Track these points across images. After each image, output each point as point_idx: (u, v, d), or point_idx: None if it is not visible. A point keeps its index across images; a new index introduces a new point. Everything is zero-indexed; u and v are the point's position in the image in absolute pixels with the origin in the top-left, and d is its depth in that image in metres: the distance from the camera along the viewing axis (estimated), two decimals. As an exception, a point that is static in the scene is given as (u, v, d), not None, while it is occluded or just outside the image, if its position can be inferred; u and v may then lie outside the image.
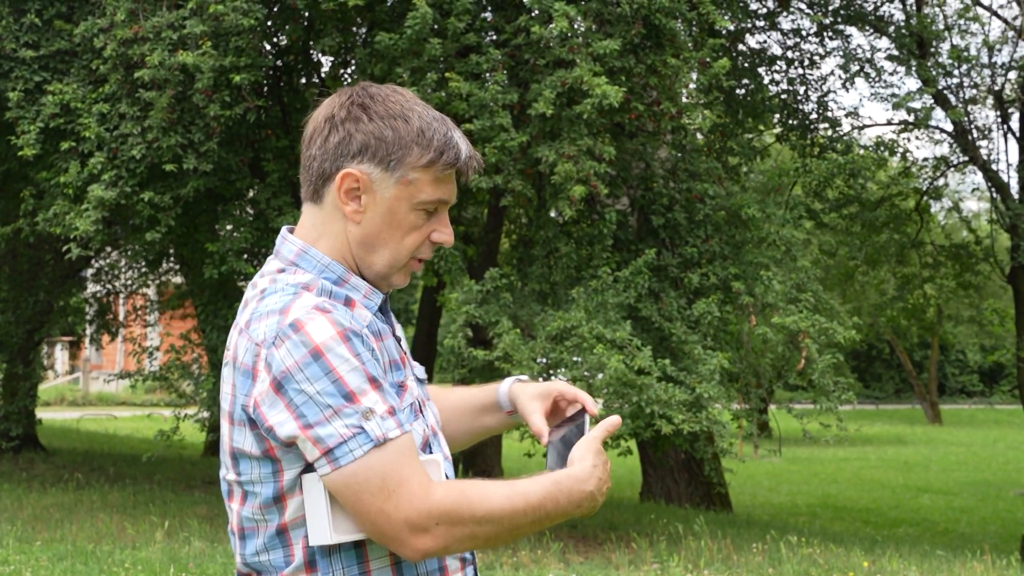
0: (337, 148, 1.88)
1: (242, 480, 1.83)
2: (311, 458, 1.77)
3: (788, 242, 10.45)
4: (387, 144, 1.87)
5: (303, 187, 1.94)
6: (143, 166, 9.39)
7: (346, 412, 1.74)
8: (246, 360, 1.79)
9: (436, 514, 1.78)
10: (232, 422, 1.83)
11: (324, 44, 9.94)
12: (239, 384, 1.81)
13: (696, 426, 9.05)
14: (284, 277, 1.87)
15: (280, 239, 1.96)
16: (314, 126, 1.92)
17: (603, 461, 1.94)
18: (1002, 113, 14.16)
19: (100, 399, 32.21)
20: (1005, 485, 21.18)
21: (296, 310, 1.78)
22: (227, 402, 1.84)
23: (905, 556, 9.70)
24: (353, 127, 1.88)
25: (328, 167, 1.89)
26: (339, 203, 1.89)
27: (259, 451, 1.80)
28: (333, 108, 1.91)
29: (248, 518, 1.84)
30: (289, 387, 1.74)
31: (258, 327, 1.79)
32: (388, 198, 1.89)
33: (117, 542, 9.04)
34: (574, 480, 1.90)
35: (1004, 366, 43.37)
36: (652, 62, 9.43)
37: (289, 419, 1.75)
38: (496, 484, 1.87)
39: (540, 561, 8.77)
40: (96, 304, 17.62)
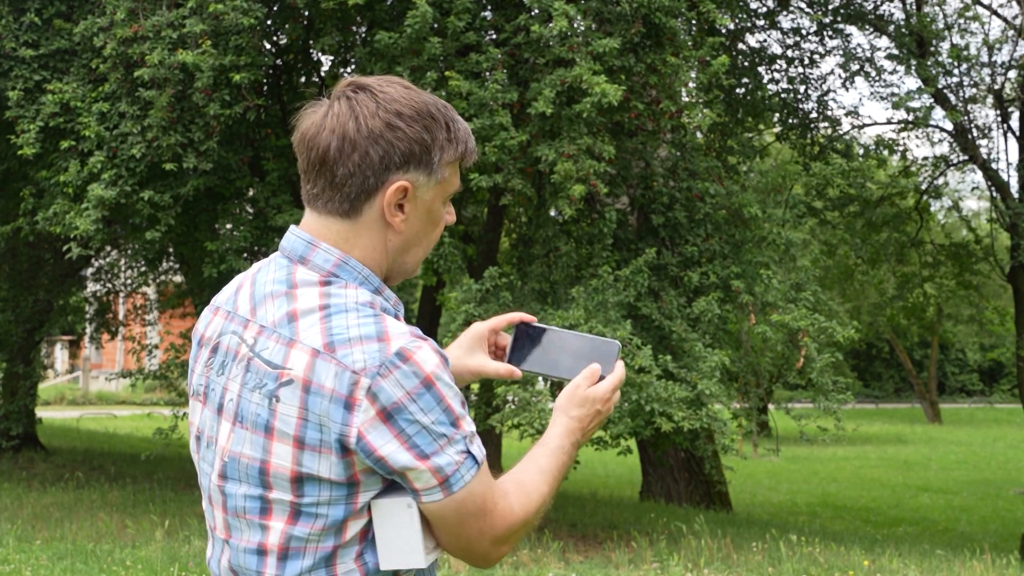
0: (382, 161, 1.81)
1: (303, 502, 1.78)
2: (422, 486, 1.76)
3: (788, 241, 10.46)
4: (428, 148, 1.84)
5: (326, 201, 1.85)
6: (143, 165, 9.39)
7: (456, 439, 1.76)
8: (338, 387, 1.72)
9: (518, 525, 1.86)
10: (300, 446, 1.76)
11: (324, 43, 9.94)
12: (324, 410, 1.74)
13: (696, 423, 9.05)
14: (336, 291, 1.81)
15: (305, 245, 1.86)
16: (341, 139, 1.81)
17: (584, 409, 2.01)
18: (1002, 112, 14.16)
19: (100, 398, 32.22)
20: (1005, 484, 21.18)
21: (396, 337, 1.74)
22: (289, 425, 1.76)
23: (905, 555, 9.70)
24: (392, 136, 1.81)
25: (372, 182, 1.82)
26: (384, 215, 1.85)
27: (344, 477, 1.76)
28: (359, 116, 1.82)
29: (299, 538, 1.79)
30: (400, 418, 1.72)
31: (351, 353, 1.73)
32: (428, 200, 1.88)
33: (117, 541, 9.05)
34: (572, 438, 1.98)
35: (1004, 365, 43.41)
36: (652, 61, 9.43)
37: (401, 449, 1.73)
38: (533, 472, 1.92)
39: (540, 560, 8.77)
40: (96, 303, 17.63)
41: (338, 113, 1.83)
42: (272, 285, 1.86)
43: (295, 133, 1.89)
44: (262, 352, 1.81)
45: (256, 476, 1.81)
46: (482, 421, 10.26)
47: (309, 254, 1.86)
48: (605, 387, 2.03)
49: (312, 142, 1.84)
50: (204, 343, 1.95)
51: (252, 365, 1.82)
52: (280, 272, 1.87)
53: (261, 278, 1.90)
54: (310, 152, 1.84)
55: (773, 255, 10.54)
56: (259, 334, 1.83)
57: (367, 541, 1.81)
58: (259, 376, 1.80)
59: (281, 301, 1.83)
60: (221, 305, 1.95)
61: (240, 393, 1.83)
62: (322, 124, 1.84)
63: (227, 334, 1.90)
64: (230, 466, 1.85)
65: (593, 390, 2.02)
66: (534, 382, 9.22)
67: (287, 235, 1.91)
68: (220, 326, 1.92)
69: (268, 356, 1.80)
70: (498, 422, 9.40)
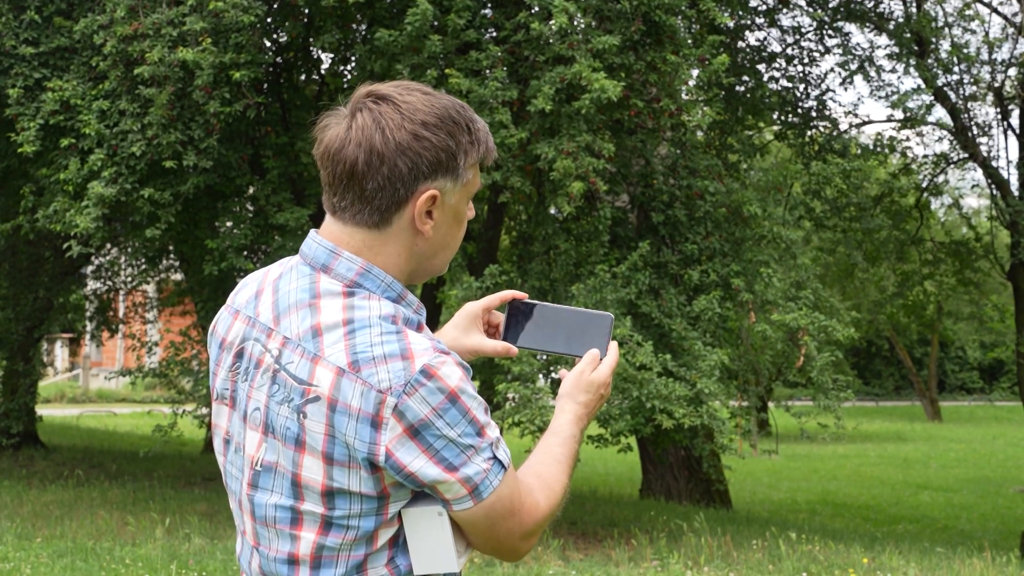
0: (411, 172, 1.82)
1: (335, 515, 1.80)
2: (452, 496, 1.79)
3: (788, 240, 10.46)
4: (453, 154, 1.85)
5: (354, 214, 1.85)
6: (143, 163, 9.39)
7: (483, 448, 1.79)
8: (364, 407, 1.74)
9: (545, 518, 1.91)
10: (329, 461, 1.78)
11: (324, 41, 9.94)
12: (350, 430, 1.75)
13: (697, 420, 9.05)
14: (360, 303, 1.82)
15: (328, 253, 1.86)
16: (368, 152, 1.81)
17: (591, 394, 2.06)
18: (1002, 110, 14.16)
19: (100, 396, 32.23)
20: (1005, 482, 21.19)
21: (420, 354, 1.76)
22: (317, 441, 1.77)
23: (905, 553, 9.71)
24: (420, 147, 1.82)
25: (403, 193, 1.83)
26: (414, 225, 1.86)
27: (374, 491, 1.79)
28: (385, 129, 1.81)
29: (331, 548, 1.82)
30: (427, 433, 1.75)
31: (375, 372, 1.74)
32: (455, 204, 1.90)
33: (117, 539, 9.05)
34: (581, 424, 2.04)
35: (1004, 363, 43.39)
36: (652, 59, 9.43)
37: (429, 464, 1.76)
38: (550, 463, 1.97)
39: (540, 558, 8.78)
40: (96, 301, 17.64)
41: (363, 126, 1.82)
42: (296, 295, 1.86)
43: (317, 146, 1.88)
44: (288, 365, 1.82)
45: (289, 487, 1.82)
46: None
47: (332, 263, 1.86)
48: (605, 370, 2.07)
49: (338, 156, 1.83)
50: (226, 347, 1.94)
51: (279, 378, 1.83)
52: (303, 281, 1.87)
53: (283, 286, 1.89)
54: (336, 166, 1.84)
55: (773, 253, 10.54)
56: (283, 346, 1.83)
57: (397, 546, 1.84)
58: (287, 390, 1.81)
59: (305, 313, 1.83)
60: (241, 309, 1.94)
61: (268, 404, 1.84)
62: (347, 138, 1.83)
63: (250, 340, 1.89)
64: (263, 476, 1.86)
65: (596, 374, 2.07)
66: (534, 379, 9.22)
67: (308, 242, 1.91)
68: (242, 331, 1.92)
69: (294, 370, 1.81)
70: (499, 420, 9.40)
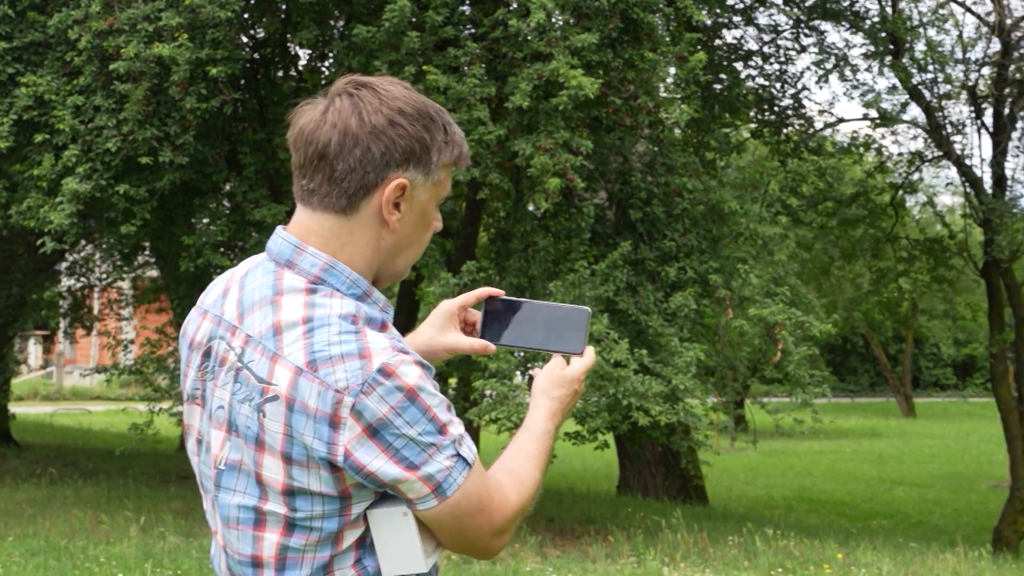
0: (383, 157, 1.81)
1: (297, 516, 1.78)
2: (416, 495, 1.77)
3: (765, 237, 10.50)
4: (427, 147, 1.85)
5: (323, 197, 1.83)
6: (118, 159, 9.33)
7: (444, 445, 1.77)
8: (321, 407, 1.72)
9: (516, 514, 1.89)
10: (287, 461, 1.76)
11: (301, 37, 9.90)
12: (308, 430, 1.73)
13: (673, 417, 9.08)
14: (321, 301, 1.80)
15: (292, 248, 1.85)
16: (343, 134, 1.80)
17: (565, 390, 2.06)
18: (976, 108, 14.26)
19: (74, 393, 32.03)
20: (978, 478, 21.35)
21: (378, 353, 1.74)
22: (276, 440, 1.76)
23: (879, 548, 9.76)
24: (394, 133, 1.81)
25: (372, 178, 1.82)
26: (381, 213, 1.84)
27: (335, 491, 1.77)
28: (362, 111, 1.81)
29: (295, 549, 1.80)
30: (386, 432, 1.73)
31: (333, 372, 1.72)
32: (423, 201, 1.88)
33: (91, 537, 9.00)
34: (555, 420, 2.03)
35: (977, 359, 43.68)
36: (629, 56, 9.44)
37: (389, 463, 1.74)
38: (522, 458, 1.95)
39: (517, 555, 8.78)
40: (70, 298, 17.52)
41: (340, 108, 1.82)
42: (260, 292, 1.85)
43: (291, 129, 1.87)
44: (250, 364, 1.80)
45: (254, 486, 1.81)
46: (459, 415, 10.24)
47: (296, 258, 1.84)
48: (580, 366, 2.07)
49: (311, 136, 1.82)
50: (195, 347, 1.93)
51: (241, 376, 1.81)
52: (267, 277, 1.85)
53: (249, 283, 1.88)
54: (308, 147, 1.83)
55: (750, 250, 10.58)
56: (246, 344, 1.82)
57: (364, 547, 1.82)
58: (248, 388, 1.79)
59: (267, 310, 1.81)
60: (208, 308, 1.93)
61: (231, 403, 1.82)
62: (322, 119, 1.82)
63: (216, 339, 1.88)
64: (225, 475, 1.84)
65: (570, 370, 2.07)
66: (511, 375, 9.22)
67: (274, 237, 1.89)
68: (209, 330, 1.90)
69: (255, 368, 1.79)
70: (476, 416, 9.40)
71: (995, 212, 13.38)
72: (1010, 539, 13.36)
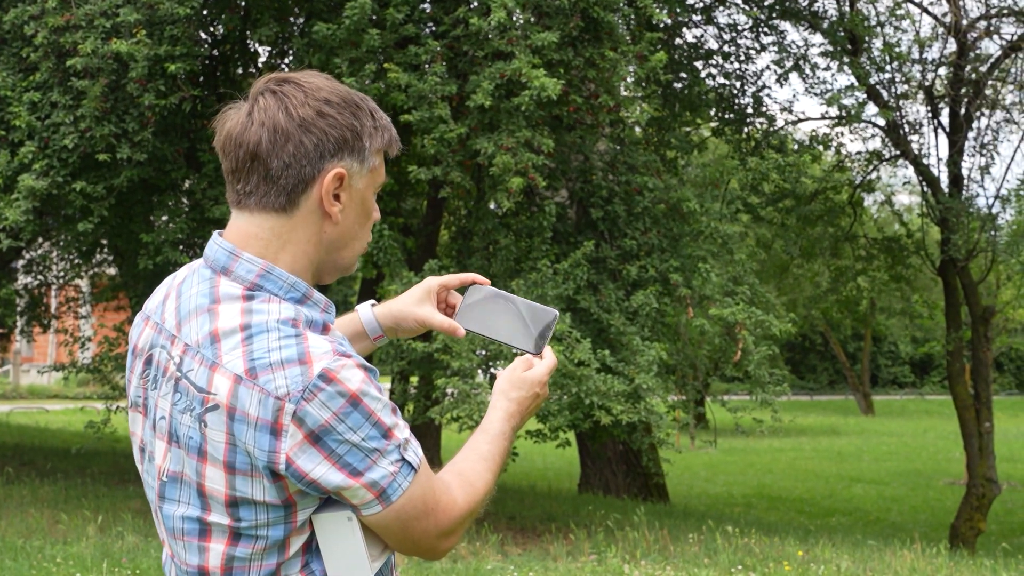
0: (316, 149, 1.79)
1: (241, 526, 1.76)
2: (360, 502, 1.75)
3: (725, 235, 10.56)
4: (359, 134, 1.83)
5: (260, 198, 1.80)
6: (75, 156, 9.24)
7: (388, 450, 1.75)
8: (262, 415, 1.69)
9: (463, 516, 1.87)
10: (231, 471, 1.73)
11: (261, 34, 9.85)
12: (250, 438, 1.71)
13: (635, 416, 9.11)
14: (259, 307, 1.77)
15: (227, 255, 1.82)
16: (272, 131, 1.78)
17: (524, 392, 2.04)
18: (932, 108, 14.39)
19: (31, 392, 31.70)
20: (935, 475, 21.58)
21: (319, 358, 1.71)
22: (218, 450, 1.73)
23: (838, 545, 9.84)
24: (325, 123, 1.80)
25: (309, 171, 1.79)
26: (322, 207, 1.82)
27: (278, 499, 1.74)
28: (288, 107, 1.79)
29: (241, 558, 1.78)
30: (329, 439, 1.70)
31: (272, 379, 1.70)
32: (361, 189, 1.86)
33: (48, 537, 8.91)
34: (512, 422, 2.01)
35: (934, 357, 44.15)
36: (590, 55, 9.46)
37: (332, 470, 1.71)
38: (474, 460, 1.93)
39: (479, 553, 8.78)
40: (27, 296, 17.32)
41: (265, 107, 1.80)
42: (196, 299, 1.82)
43: (218, 136, 1.85)
44: (188, 373, 1.77)
45: (196, 497, 1.79)
46: (421, 414, 10.24)
47: (231, 264, 1.82)
48: (542, 370, 2.05)
49: (240, 139, 1.81)
50: (138, 354, 1.90)
51: (180, 386, 1.79)
52: (203, 285, 1.83)
53: (186, 291, 1.86)
54: (238, 150, 1.81)
55: (711, 248, 10.63)
56: (184, 353, 1.79)
57: (311, 552, 1.80)
58: (188, 398, 1.77)
59: (204, 319, 1.79)
60: (150, 315, 1.91)
61: (171, 413, 1.80)
62: (248, 120, 1.81)
63: (156, 347, 1.86)
64: (168, 486, 1.82)
65: (531, 373, 2.05)
66: (473, 374, 9.22)
67: (210, 244, 1.87)
68: (151, 338, 1.88)
69: (194, 378, 1.76)
70: (437, 415, 9.39)
71: (952, 211, 13.51)
72: (966, 536, 13.50)
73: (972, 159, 14.52)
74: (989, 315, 14.71)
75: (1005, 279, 18.92)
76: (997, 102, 14.60)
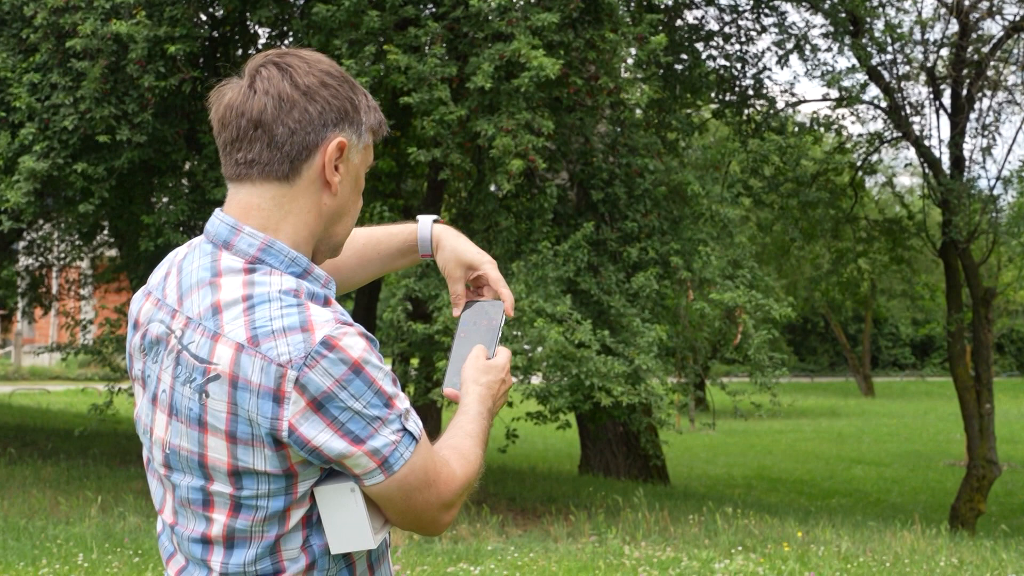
0: (321, 117, 1.81)
1: (242, 495, 1.78)
2: (362, 471, 1.76)
3: (725, 218, 10.55)
4: (356, 107, 1.86)
5: (263, 166, 1.82)
6: (76, 137, 9.23)
7: (390, 419, 1.76)
8: (264, 382, 1.71)
9: (463, 488, 1.89)
10: (232, 440, 1.75)
11: (261, 15, 9.82)
12: (252, 406, 1.72)
13: (635, 398, 9.12)
14: (260, 279, 1.78)
15: (229, 229, 1.83)
16: (278, 98, 1.80)
17: (492, 376, 2.06)
18: (934, 89, 14.35)
19: (33, 373, 31.74)
20: (935, 456, 21.61)
21: (321, 326, 1.73)
22: (220, 420, 1.75)
23: (838, 526, 9.87)
24: (328, 93, 1.82)
25: (312, 139, 1.81)
26: (323, 176, 1.83)
27: (280, 469, 1.76)
28: (293, 76, 1.81)
29: (241, 529, 1.79)
30: (331, 406, 1.72)
31: (275, 346, 1.71)
32: (356, 164, 1.88)
33: (50, 517, 8.94)
34: (486, 404, 2.02)
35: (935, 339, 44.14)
36: (590, 36, 9.43)
37: (335, 437, 1.72)
38: (462, 436, 1.95)
39: (479, 534, 8.81)
40: (28, 277, 17.32)
41: (268, 77, 1.82)
42: (197, 273, 1.84)
43: (216, 108, 1.85)
44: (189, 345, 1.79)
45: (197, 468, 1.81)
46: (422, 395, 10.26)
47: (233, 239, 1.83)
48: (502, 360, 2.08)
49: (242, 107, 1.81)
50: (138, 328, 1.92)
51: (181, 358, 1.80)
52: (205, 259, 1.84)
53: (187, 266, 1.87)
54: (240, 119, 1.82)
55: (711, 231, 10.63)
56: (186, 326, 1.81)
57: (311, 526, 1.81)
58: (188, 370, 1.79)
59: (206, 291, 1.80)
60: (152, 290, 1.92)
61: (172, 386, 1.82)
62: (251, 91, 1.82)
63: (155, 322, 1.87)
64: (172, 457, 1.84)
65: (494, 361, 2.07)
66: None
67: (212, 219, 1.88)
68: (151, 312, 1.89)
69: (195, 350, 1.78)
70: (438, 396, 9.41)
71: (953, 193, 13.49)
72: (967, 517, 13.53)
73: (974, 140, 14.49)
74: (990, 297, 14.70)
75: (1006, 261, 18.87)
76: (999, 83, 14.56)
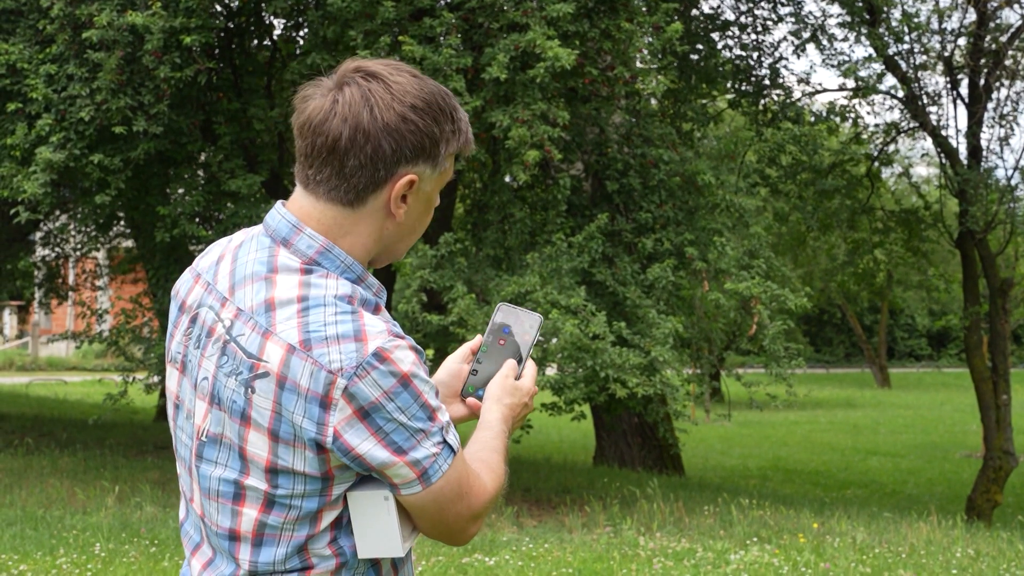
0: (395, 154, 1.80)
1: (277, 493, 1.79)
2: (401, 481, 1.78)
3: (741, 208, 10.52)
4: (436, 141, 1.84)
5: (329, 189, 1.82)
6: (92, 128, 9.25)
7: (432, 432, 1.79)
8: (313, 387, 1.72)
9: (490, 500, 1.91)
10: (275, 438, 1.76)
11: (276, 6, 9.82)
12: (299, 409, 1.73)
13: (650, 389, 9.11)
14: (316, 281, 1.79)
15: (290, 227, 1.83)
16: (354, 129, 1.78)
17: (515, 399, 2.07)
18: (951, 79, 14.27)
19: (50, 364, 31.87)
20: (951, 447, 21.54)
21: (374, 336, 1.74)
22: (264, 417, 1.76)
23: (853, 517, 9.85)
24: (407, 128, 1.80)
25: (383, 175, 1.81)
26: (388, 207, 1.84)
27: (318, 472, 1.77)
28: (373, 107, 1.79)
29: (273, 526, 1.80)
30: (377, 416, 1.74)
31: (327, 353, 1.72)
32: (428, 191, 1.89)
33: (68, 507, 8.99)
34: (507, 424, 2.03)
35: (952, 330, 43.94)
36: (606, 26, 9.41)
37: (378, 446, 1.75)
38: (489, 451, 1.97)
39: (494, 525, 8.82)
40: (45, 268, 17.40)
41: (350, 102, 1.79)
42: (253, 266, 1.84)
43: (298, 116, 1.84)
44: (238, 338, 1.79)
45: (237, 459, 1.81)
46: (436, 387, 10.25)
47: (293, 237, 1.84)
48: (528, 381, 2.08)
49: (320, 128, 1.80)
50: (185, 310, 1.92)
51: (228, 349, 1.80)
52: (262, 253, 1.84)
53: (242, 255, 1.87)
54: (316, 138, 1.80)
55: (727, 222, 10.60)
56: (236, 317, 1.81)
57: (341, 528, 1.82)
58: (235, 362, 1.79)
59: (260, 285, 1.81)
60: (202, 273, 1.92)
61: (215, 375, 1.81)
62: (332, 111, 1.80)
63: (204, 307, 1.87)
64: (207, 447, 1.84)
65: (521, 382, 2.08)
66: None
67: (272, 212, 1.88)
68: (200, 296, 1.89)
69: (244, 343, 1.78)
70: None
71: (970, 183, 13.42)
72: (983, 508, 13.49)
73: (991, 130, 14.39)
74: (1007, 287, 14.62)
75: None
76: (1017, 73, 14.46)
